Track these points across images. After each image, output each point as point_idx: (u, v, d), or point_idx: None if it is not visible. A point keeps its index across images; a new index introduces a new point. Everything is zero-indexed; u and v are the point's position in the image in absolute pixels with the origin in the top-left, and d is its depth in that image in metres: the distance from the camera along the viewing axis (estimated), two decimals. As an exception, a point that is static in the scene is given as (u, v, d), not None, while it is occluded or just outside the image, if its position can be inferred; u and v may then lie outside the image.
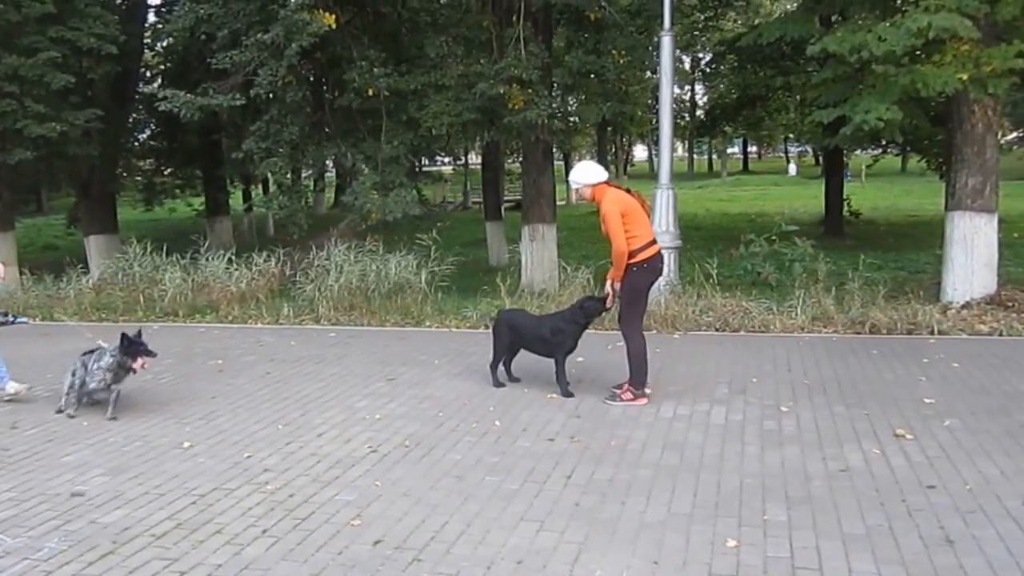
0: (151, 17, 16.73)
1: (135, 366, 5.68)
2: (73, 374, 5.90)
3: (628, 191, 5.81)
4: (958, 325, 8.01)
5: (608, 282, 5.90)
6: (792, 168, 47.26)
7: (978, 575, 3.28)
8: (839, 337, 7.91)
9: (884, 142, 18.54)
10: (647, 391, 5.83)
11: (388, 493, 4.31)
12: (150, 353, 5.70)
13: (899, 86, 8.26)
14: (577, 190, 5.87)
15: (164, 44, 17.04)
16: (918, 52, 8.45)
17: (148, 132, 18.56)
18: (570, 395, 5.98)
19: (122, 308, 10.50)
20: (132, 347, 5.62)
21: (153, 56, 18.83)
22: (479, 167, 22.88)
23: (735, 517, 3.87)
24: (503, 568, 3.45)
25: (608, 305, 6.03)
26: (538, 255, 11.54)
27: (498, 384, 6.33)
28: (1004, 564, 3.35)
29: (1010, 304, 8.45)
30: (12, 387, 6.22)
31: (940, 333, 7.80)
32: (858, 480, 4.27)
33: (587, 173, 5.80)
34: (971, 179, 8.84)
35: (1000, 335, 7.73)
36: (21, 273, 12.39)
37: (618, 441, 4.99)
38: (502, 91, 10.28)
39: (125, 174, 17.11)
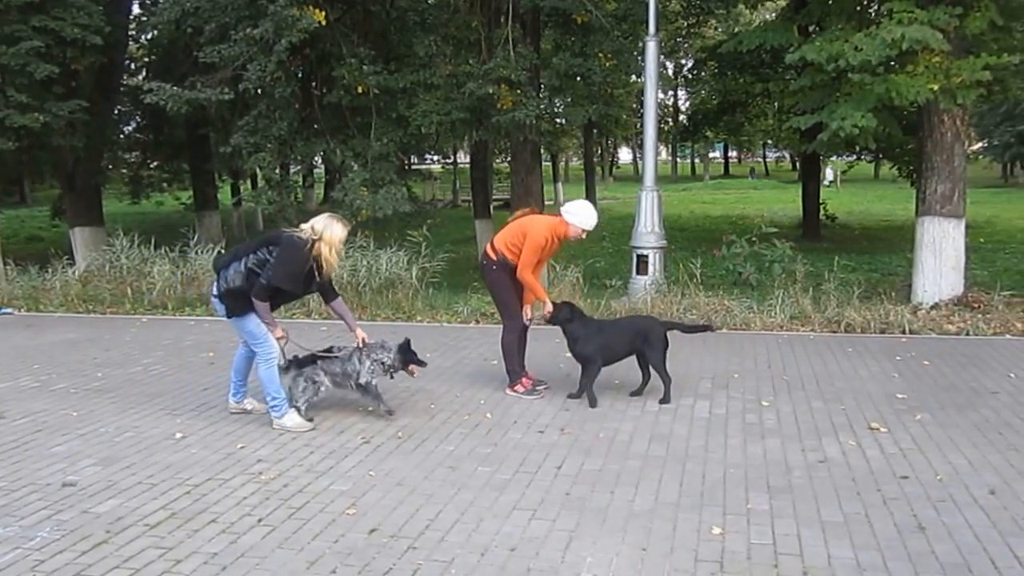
0: (135, 8, 16.61)
1: (415, 373, 5.85)
2: (312, 381, 5.52)
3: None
4: (928, 325, 8.28)
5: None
6: (828, 173, 36.02)
7: (949, 560, 3.43)
8: (816, 335, 8.12)
9: (859, 149, 18.87)
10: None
11: (382, 483, 4.36)
12: (422, 363, 5.86)
13: (874, 94, 8.51)
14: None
15: (149, 36, 16.85)
16: (892, 62, 8.71)
17: (134, 124, 18.24)
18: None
19: (109, 300, 10.39)
20: (410, 355, 5.77)
21: (138, 48, 18.55)
22: (468, 166, 22.95)
23: (720, 506, 4.00)
24: (497, 555, 3.53)
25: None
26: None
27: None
28: (972, 549, 3.51)
29: (976, 305, 8.77)
30: (250, 404, 5.76)
31: (911, 332, 8.05)
32: (836, 471, 4.44)
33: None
34: (940, 186, 9.12)
35: (967, 335, 7.99)
36: (5, 264, 12.18)
37: (606, 433, 5.13)
38: (491, 91, 10.39)
39: (111, 166, 16.81)
